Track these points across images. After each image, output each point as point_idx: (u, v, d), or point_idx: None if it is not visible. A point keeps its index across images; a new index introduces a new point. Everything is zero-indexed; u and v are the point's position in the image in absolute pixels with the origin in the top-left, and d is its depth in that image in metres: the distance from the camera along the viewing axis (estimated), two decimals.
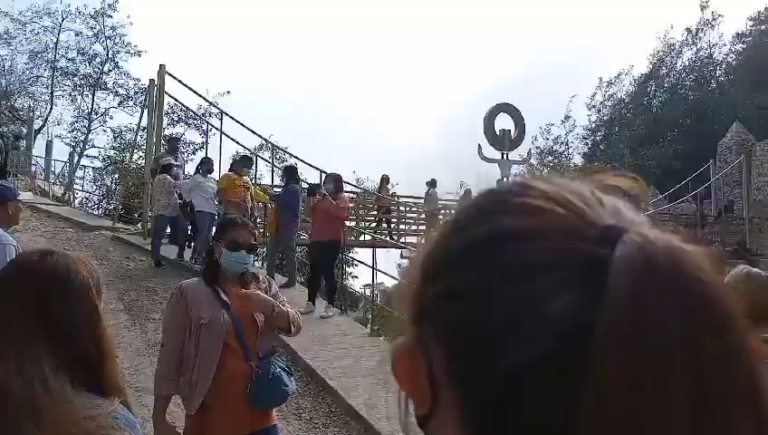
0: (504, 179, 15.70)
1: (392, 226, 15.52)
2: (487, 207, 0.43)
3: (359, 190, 17.98)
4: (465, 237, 0.42)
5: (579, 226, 0.39)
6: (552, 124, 33.55)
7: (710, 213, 19.18)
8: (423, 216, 15.68)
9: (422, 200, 16.39)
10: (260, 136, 12.97)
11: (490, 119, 15.34)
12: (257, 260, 8.77)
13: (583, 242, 0.38)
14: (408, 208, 16.43)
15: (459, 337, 0.40)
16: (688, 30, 34.12)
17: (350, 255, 16.97)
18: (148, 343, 6.52)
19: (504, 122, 15.40)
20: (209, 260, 2.87)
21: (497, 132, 15.19)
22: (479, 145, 15.29)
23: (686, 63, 34.44)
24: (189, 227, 9.95)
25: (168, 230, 9.93)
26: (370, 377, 5.82)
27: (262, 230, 9.88)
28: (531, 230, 0.39)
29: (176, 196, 9.29)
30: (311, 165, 12.29)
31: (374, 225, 15.22)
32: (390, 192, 16.14)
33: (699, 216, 18.63)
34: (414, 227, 15.69)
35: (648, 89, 34.90)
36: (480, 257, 0.40)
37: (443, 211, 15.82)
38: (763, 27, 32.74)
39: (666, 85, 34.43)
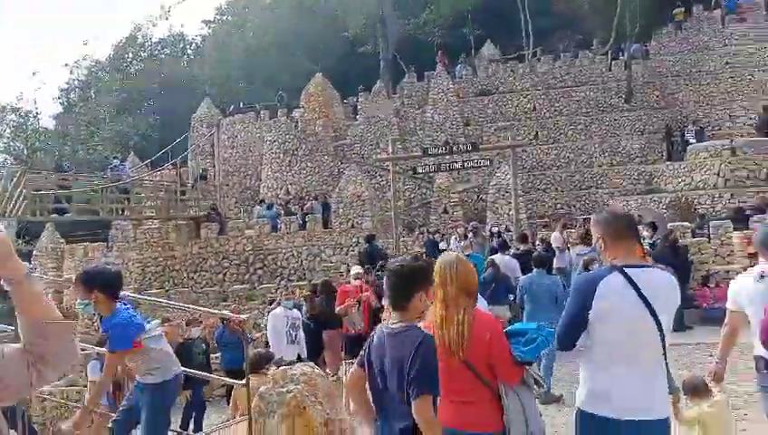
0: None
1: None
2: None
3: None
4: None
5: None
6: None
7: (188, 180, 20.94)
8: None
9: None
10: None
11: None
12: None
13: None
14: None
15: None
16: (162, 6, 35.59)
17: None
18: None
19: None
20: None
21: None
22: None
23: (162, 37, 36.01)
24: None
25: None
26: None
27: None
28: None
29: None
30: None
31: None
32: None
33: (178, 183, 20.07)
34: None
35: (127, 55, 34.83)
36: None
37: None
38: (224, 17, 37.32)
39: (143, 54, 35.09)
